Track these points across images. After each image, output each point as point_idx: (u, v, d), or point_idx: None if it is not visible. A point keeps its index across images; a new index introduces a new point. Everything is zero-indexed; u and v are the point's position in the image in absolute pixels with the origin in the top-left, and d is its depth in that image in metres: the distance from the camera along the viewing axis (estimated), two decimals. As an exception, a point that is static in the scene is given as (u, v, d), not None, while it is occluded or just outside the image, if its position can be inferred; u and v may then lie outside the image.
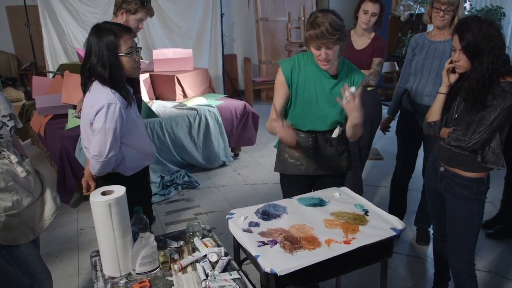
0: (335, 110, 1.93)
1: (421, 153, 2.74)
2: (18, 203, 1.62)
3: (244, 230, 1.68)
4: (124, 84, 1.73)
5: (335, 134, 2.00)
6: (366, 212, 1.82)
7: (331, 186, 2.05)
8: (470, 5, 5.89)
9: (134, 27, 2.44)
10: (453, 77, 1.81)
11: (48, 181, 1.83)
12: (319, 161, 2.03)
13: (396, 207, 2.91)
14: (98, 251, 1.59)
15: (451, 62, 1.78)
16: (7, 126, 1.62)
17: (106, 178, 1.80)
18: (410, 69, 2.64)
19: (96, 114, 1.66)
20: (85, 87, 1.77)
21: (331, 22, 1.72)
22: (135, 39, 2.47)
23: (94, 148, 1.69)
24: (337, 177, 2.11)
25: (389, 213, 1.80)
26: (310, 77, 1.91)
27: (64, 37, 5.32)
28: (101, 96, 1.67)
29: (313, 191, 2.06)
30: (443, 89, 1.84)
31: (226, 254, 1.61)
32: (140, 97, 2.84)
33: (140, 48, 1.84)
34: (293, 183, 2.09)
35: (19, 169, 1.63)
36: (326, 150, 2.02)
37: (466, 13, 5.69)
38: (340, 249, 1.55)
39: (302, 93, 1.92)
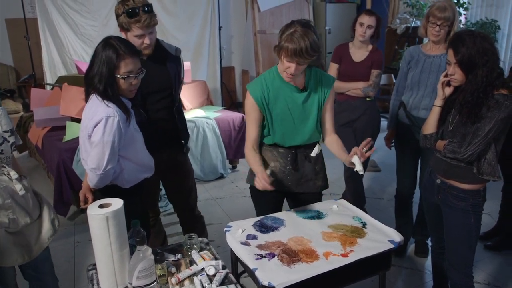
0: (311, 122, 1.90)
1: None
2: (14, 222, 1.60)
3: (242, 243, 1.68)
4: (120, 99, 1.73)
5: (314, 153, 1.97)
6: (364, 224, 1.82)
7: (305, 204, 2.02)
8: (466, 18, 5.95)
9: (137, 45, 1.97)
10: (448, 90, 1.83)
11: (47, 202, 1.81)
12: (294, 179, 1.97)
13: (400, 222, 2.85)
14: (94, 265, 1.58)
15: (446, 76, 1.80)
16: (8, 141, 1.62)
17: (104, 191, 1.80)
18: (405, 82, 2.63)
19: (95, 127, 1.67)
20: (86, 95, 1.77)
21: (312, 42, 1.64)
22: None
23: (92, 161, 1.69)
24: (311, 196, 2.04)
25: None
26: (279, 94, 1.86)
27: (63, 49, 5.35)
28: (99, 110, 1.67)
29: (288, 207, 2.03)
30: (438, 102, 1.86)
31: (223, 267, 1.60)
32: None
33: (143, 72, 1.76)
34: (263, 196, 1.95)
35: (18, 186, 1.62)
36: (304, 167, 1.97)
37: (461, 26, 5.75)
38: (338, 262, 1.55)
39: (275, 112, 1.87)
